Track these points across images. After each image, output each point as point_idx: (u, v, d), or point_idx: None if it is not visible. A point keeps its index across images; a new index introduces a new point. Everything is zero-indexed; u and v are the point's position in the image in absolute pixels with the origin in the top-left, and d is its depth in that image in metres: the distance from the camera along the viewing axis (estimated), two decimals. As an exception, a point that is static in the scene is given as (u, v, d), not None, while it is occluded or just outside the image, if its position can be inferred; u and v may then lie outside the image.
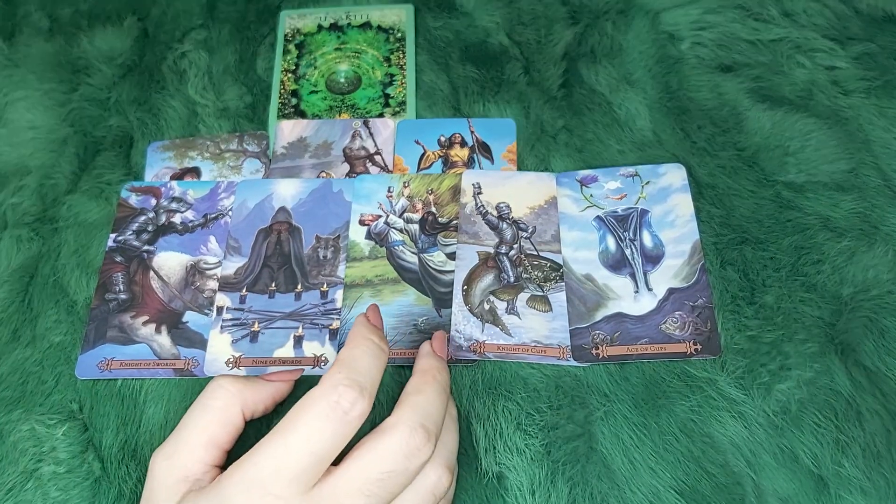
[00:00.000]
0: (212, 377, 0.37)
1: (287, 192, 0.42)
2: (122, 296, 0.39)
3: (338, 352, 0.37)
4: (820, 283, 0.37)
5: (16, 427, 0.36)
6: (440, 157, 0.44)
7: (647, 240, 0.39)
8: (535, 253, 0.39)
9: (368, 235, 0.41)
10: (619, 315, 0.37)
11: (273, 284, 0.39)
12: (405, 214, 0.41)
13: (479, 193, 0.41)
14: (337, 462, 0.27)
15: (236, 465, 0.26)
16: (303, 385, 0.37)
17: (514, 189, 0.41)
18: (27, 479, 0.34)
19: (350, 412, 0.26)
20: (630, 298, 0.37)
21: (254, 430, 0.33)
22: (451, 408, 0.31)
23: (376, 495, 0.26)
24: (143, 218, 0.42)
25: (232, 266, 0.40)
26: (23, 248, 0.41)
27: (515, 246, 0.39)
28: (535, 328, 0.37)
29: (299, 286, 0.39)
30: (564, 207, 0.41)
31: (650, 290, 0.37)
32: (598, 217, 0.40)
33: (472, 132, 0.44)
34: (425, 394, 0.28)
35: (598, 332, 0.36)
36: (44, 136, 0.45)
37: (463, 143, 0.44)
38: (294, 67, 0.48)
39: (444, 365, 0.31)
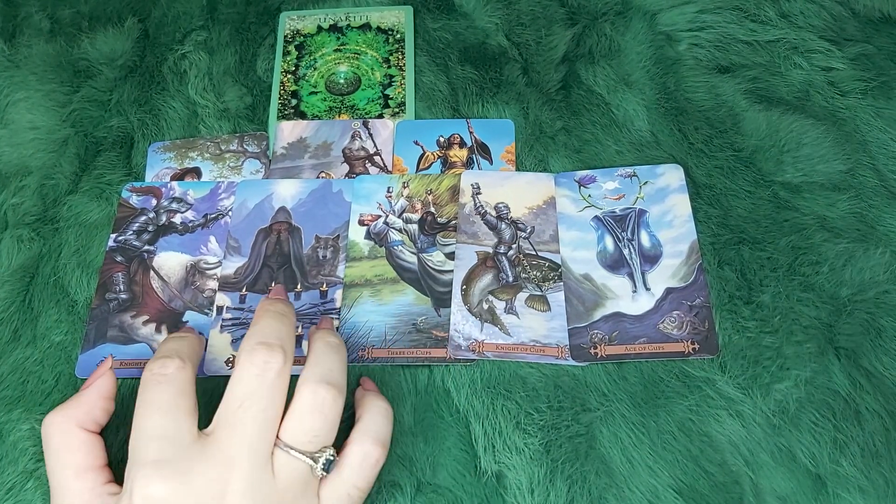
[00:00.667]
0: (212, 377, 0.37)
1: (287, 192, 0.42)
2: (123, 295, 0.39)
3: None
4: (817, 282, 0.37)
5: (16, 426, 0.36)
6: (439, 157, 0.44)
7: (645, 240, 0.39)
8: (534, 253, 0.39)
9: (368, 235, 0.41)
10: (618, 314, 0.37)
11: (273, 284, 0.39)
12: (404, 214, 0.41)
13: (478, 194, 0.41)
14: None
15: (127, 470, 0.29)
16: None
17: (513, 189, 0.41)
18: (27, 479, 0.34)
19: (165, 372, 0.29)
20: (628, 298, 0.37)
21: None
22: (328, 335, 0.32)
23: (251, 418, 0.28)
24: (143, 218, 0.42)
25: (232, 266, 0.40)
26: (23, 249, 0.41)
27: (514, 246, 0.40)
28: (534, 328, 0.37)
29: (299, 286, 0.39)
30: (563, 207, 0.41)
31: (648, 289, 0.38)
32: (597, 217, 0.40)
33: (470, 133, 0.44)
34: (259, 321, 0.31)
35: (596, 331, 0.36)
36: (44, 137, 0.46)
37: (462, 144, 0.44)
38: (294, 68, 0.48)
39: (277, 302, 0.32)
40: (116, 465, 0.35)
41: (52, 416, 0.31)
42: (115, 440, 0.35)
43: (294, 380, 0.30)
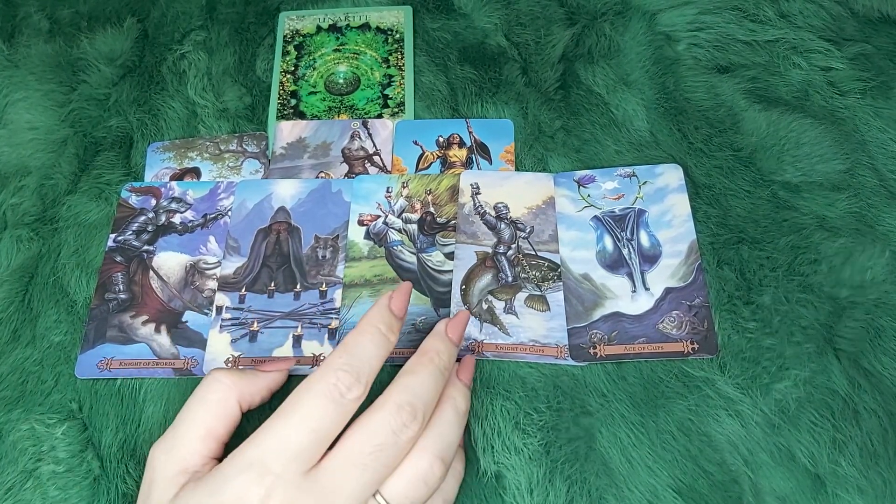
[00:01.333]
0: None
1: (286, 192, 0.42)
2: (122, 295, 0.39)
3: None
4: (816, 282, 0.37)
5: (15, 426, 0.36)
6: (438, 157, 0.44)
7: (645, 239, 0.39)
8: (533, 253, 0.39)
9: (367, 235, 0.41)
10: (617, 314, 0.37)
11: (272, 284, 0.39)
12: (404, 214, 0.41)
13: (478, 194, 0.41)
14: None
15: (237, 449, 0.27)
16: (297, 380, 0.37)
17: (512, 189, 0.41)
18: (26, 479, 0.34)
19: (346, 395, 0.27)
20: (627, 298, 0.37)
21: (250, 422, 0.33)
22: (459, 401, 0.30)
23: (370, 468, 0.27)
24: (142, 218, 0.42)
25: (231, 266, 0.40)
26: (23, 249, 0.41)
27: (513, 246, 0.40)
28: (533, 328, 0.37)
29: (298, 286, 0.39)
30: (562, 207, 0.41)
31: (647, 289, 0.38)
32: (596, 217, 0.40)
33: (470, 133, 0.44)
34: (418, 375, 0.29)
35: (595, 331, 0.36)
36: (43, 137, 0.46)
37: (461, 144, 0.44)
38: (293, 68, 0.48)
39: (450, 348, 0.31)
40: (117, 464, 0.35)
41: (223, 376, 0.31)
42: (114, 440, 0.35)
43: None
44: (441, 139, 0.44)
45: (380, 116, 0.46)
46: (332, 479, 0.26)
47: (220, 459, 0.30)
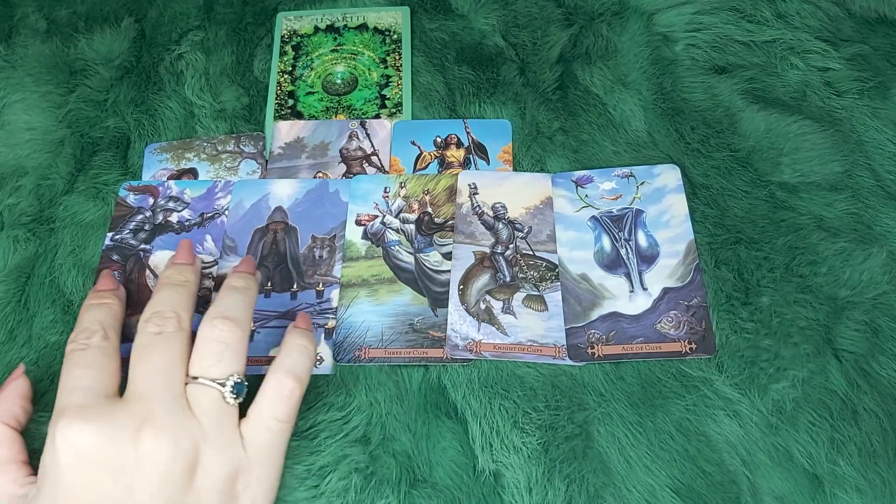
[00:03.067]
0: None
1: (283, 192, 0.42)
2: (119, 295, 0.39)
3: (333, 351, 0.37)
4: (814, 283, 0.37)
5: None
6: (436, 157, 0.44)
7: (642, 240, 0.39)
8: (531, 253, 0.39)
9: (365, 235, 0.41)
10: (615, 314, 0.37)
11: (269, 284, 0.39)
12: (401, 215, 0.41)
13: (476, 194, 0.41)
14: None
15: (123, 398, 0.30)
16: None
17: (510, 189, 0.41)
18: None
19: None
20: (625, 298, 0.37)
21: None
22: (236, 280, 0.34)
23: (156, 361, 0.30)
24: (140, 217, 0.42)
25: (228, 265, 0.40)
26: (19, 249, 0.41)
27: (511, 246, 0.40)
28: (531, 327, 0.37)
29: (295, 286, 0.39)
30: (560, 208, 0.41)
31: (645, 289, 0.38)
32: (594, 217, 0.40)
33: (468, 133, 0.44)
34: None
35: (593, 331, 0.36)
36: (41, 138, 0.45)
37: (459, 144, 0.44)
38: (291, 69, 0.48)
39: (183, 269, 0.34)
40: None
41: None
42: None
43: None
44: (439, 139, 0.44)
45: (377, 117, 0.45)
46: (136, 393, 0.29)
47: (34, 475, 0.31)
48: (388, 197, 0.42)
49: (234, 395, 0.30)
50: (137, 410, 0.28)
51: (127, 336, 0.38)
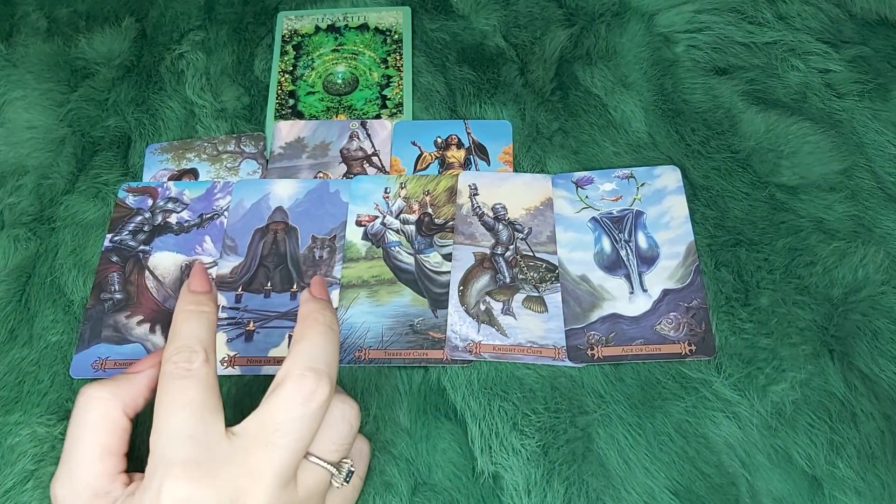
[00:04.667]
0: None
1: (284, 192, 0.42)
2: (118, 295, 0.39)
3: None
4: (813, 284, 0.37)
5: (13, 429, 0.36)
6: (437, 158, 0.44)
7: (642, 241, 0.39)
8: (531, 254, 0.39)
9: (365, 236, 0.41)
10: (615, 316, 0.37)
11: (269, 284, 0.39)
12: (402, 215, 0.41)
13: (476, 195, 0.41)
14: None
15: (147, 469, 0.27)
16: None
17: (511, 190, 0.41)
18: (27, 480, 0.34)
19: (191, 366, 0.28)
20: (625, 299, 0.37)
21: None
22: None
23: (281, 446, 0.27)
24: (139, 218, 0.42)
25: (228, 265, 0.40)
26: (20, 248, 0.41)
27: (511, 247, 0.40)
28: (531, 329, 0.37)
29: (295, 286, 0.39)
30: (560, 209, 0.41)
31: (645, 291, 0.38)
32: (594, 218, 0.40)
33: (468, 134, 0.44)
34: (308, 339, 0.29)
35: (593, 332, 0.36)
36: (41, 136, 0.45)
37: (459, 145, 0.44)
38: (291, 68, 0.48)
39: (326, 304, 0.31)
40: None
41: (98, 391, 0.29)
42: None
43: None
44: (439, 140, 0.44)
45: (378, 117, 0.45)
46: (249, 458, 0.27)
47: (127, 471, 0.29)
48: (388, 197, 0.42)
49: (346, 482, 0.29)
50: (245, 482, 0.26)
51: (123, 337, 0.38)
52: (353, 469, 0.30)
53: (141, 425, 0.31)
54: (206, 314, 0.30)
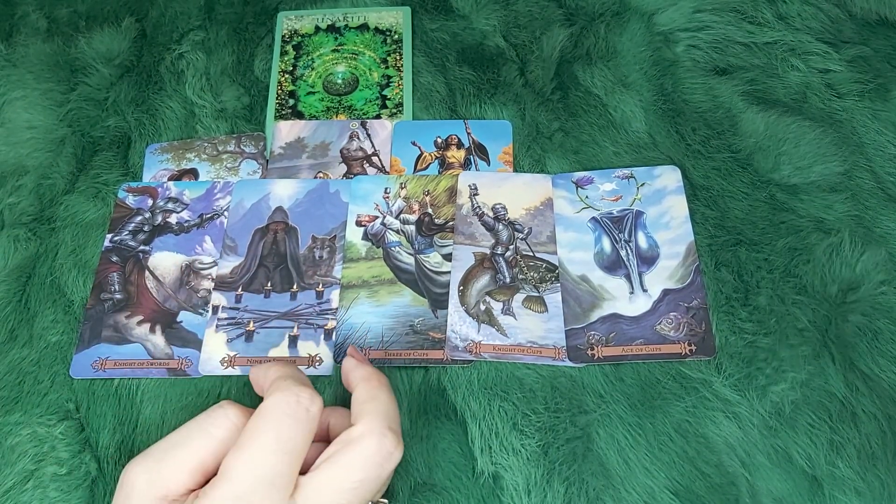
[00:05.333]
0: (206, 376, 0.37)
1: (284, 192, 0.42)
2: (118, 295, 0.39)
3: (333, 352, 0.37)
4: (813, 284, 0.37)
5: (13, 429, 0.36)
6: (437, 158, 0.44)
7: (642, 241, 0.39)
8: (531, 254, 0.39)
9: (365, 236, 0.41)
10: (615, 316, 0.37)
11: (269, 284, 0.39)
12: (402, 215, 0.41)
13: (476, 195, 0.41)
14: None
15: (212, 485, 0.26)
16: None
17: (511, 190, 0.41)
18: (27, 480, 0.34)
19: (311, 409, 0.27)
20: (625, 299, 0.37)
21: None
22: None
23: (358, 498, 0.26)
24: (139, 218, 0.42)
25: (228, 265, 0.40)
26: (20, 248, 0.41)
27: (511, 247, 0.40)
28: (531, 329, 0.37)
29: (295, 286, 0.39)
30: (560, 209, 0.41)
31: (645, 291, 0.38)
32: (594, 218, 0.40)
33: (468, 134, 0.44)
34: (380, 399, 0.29)
35: (593, 332, 0.36)
36: (41, 136, 0.45)
37: (459, 145, 0.44)
38: (291, 68, 0.48)
39: (375, 368, 0.31)
40: (114, 465, 0.35)
41: (236, 415, 0.28)
42: (111, 441, 0.35)
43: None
44: (439, 140, 0.44)
45: (378, 117, 0.45)
46: None
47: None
48: (388, 197, 0.42)
49: None
50: None
51: (123, 337, 0.38)
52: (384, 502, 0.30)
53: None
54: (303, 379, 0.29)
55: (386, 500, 0.30)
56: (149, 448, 0.28)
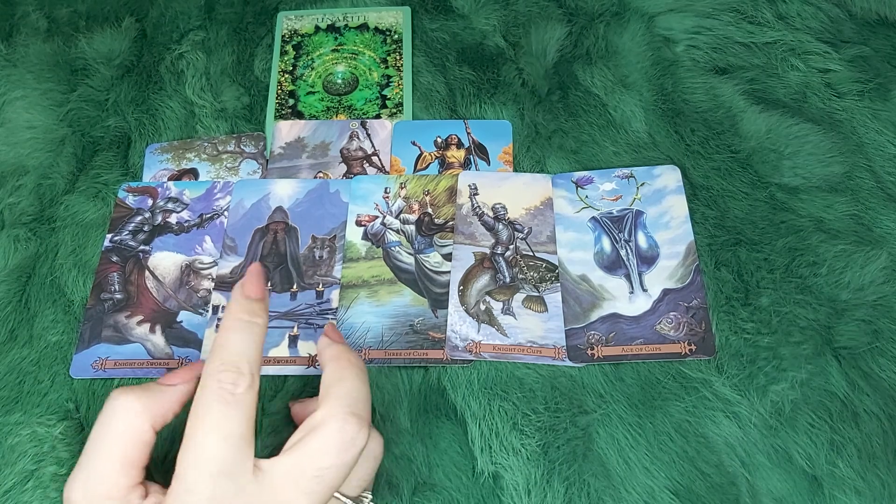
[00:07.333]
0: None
1: (284, 192, 0.42)
2: (118, 295, 0.39)
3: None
4: (814, 284, 0.37)
5: (13, 429, 0.36)
6: (437, 158, 0.44)
7: (642, 241, 0.39)
8: (531, 254, 0.39)
9: (365, 236, 0.41)
10: (614, 315, 0.37)
11: (269, 284, 0.39)
12: (402, 215, 0.41)
13: (476, 194, 0.41)
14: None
15: (171, 486, 0.26)
16: (294, 380, 0.37)
17: (511, 190, 0.41)
18: (27, 480, 0.34)
19: (236, 391, 0.26)
20: (625, 299, 0.37)
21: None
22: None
23: (317, 492, 0.26)
24: (139, 218, 0.42)
25: (228, 265, 0.40)
26: (20, 248, 0.41)
27: (511, 247, 0.40)
28: (531, 328, 0.37)
29: (295, 286, 0.39)
30: (560, 208, 0.41)
31: (645, 290, 0.38)
32: (594, 218, 0.40)
33: (468, 133, 0.44)
34: (346, 381, 0.28)
35: (593, 332, 0.36)
36: (42, 136, 0.45)
37: (459, 145, 0.44)
38: (291, 68, 0.48)
39: (349, 348, 0.30)
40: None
41: (129, 400, 0.28)
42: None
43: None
44: (439, 140, 0.44)
45: (378, 117, 0.45)
46: (277, 498, 0.25)
47: (142, 482, 0.28)
48: (388, 197, 0.42)
49: None
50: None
51: (123, 337, 0.38)
52: (372, 501, 0.29)
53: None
54: (258, 326, 0.28)
55: (370, 495, 0.29)
56: (75, 467, 0.28)
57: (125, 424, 0.28)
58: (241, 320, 0.28)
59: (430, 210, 0.41)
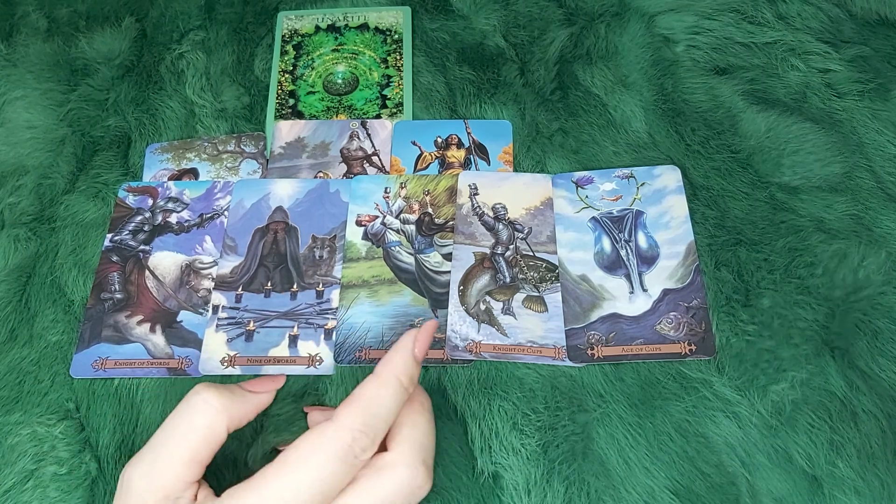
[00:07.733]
0: (206, 376, 0.37)
1: (284, 191, 0.42)
2: (118, 295, 0.39)
3: (333, 352, 0.37)
4: (813, 284, 0.37)
5: (14, 429, 0.36)
6: (437, 158, 0.44)
7: (642, 241, 0.39)
8: (531, 254, 0.39)
9: (365, 236, 0.41)
10: (615, 315, 0.37)
11: (269, 284, 0.39)
12: (402, 215, 0.41)
13: (476, 194, 0.41)
14: None
15: (242, 488, 0.26)
16: (294, 380, 0.37)
17: (511, 190, 0.41)
18: (27, 479, 0.34)
19: (360, 456, 0.26)
20: (625, 299, 0.37)
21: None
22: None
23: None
24: (139, 218, 0.42)
25: (228, 265, 0.40)
26: (20, 248, 0.41)
27: (511, 247, 0.40)
28: (531, 328, 0.37)
29: (295, 286, 0.39)
30: (560, 208, 0.41)
31: (645, 290, 0.38)
32: (594, 218, 0.40)
33: (468, 133, 0.44)
34: (419, 427, 0.28)
35: (593, 332, 0.36)
36: (42, 136, 0.45)
37: (459, 145, 0.44)
38: (291, 68, 0.48)
39: (422, 389, 0.30)
40: (114, 465, 0.35)
41: (214, 398, 0.28)
42: (111, 440, 0.35)
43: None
44: (439, 140, 0.44)
45: (378, 117, 0.45)
46: None
47: (200, 480, 0.29)
48: (388, 197, 0.42)
49: None
50: None
51: (123, 337, 0.38)
52: None
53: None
54: (407, 395, 0.28)
55: None
56: (142, 448, 0.28)
57: (205, 419, 0.28)
58: (400, 384, 0.28)
59: (430, 210, 0.41)
